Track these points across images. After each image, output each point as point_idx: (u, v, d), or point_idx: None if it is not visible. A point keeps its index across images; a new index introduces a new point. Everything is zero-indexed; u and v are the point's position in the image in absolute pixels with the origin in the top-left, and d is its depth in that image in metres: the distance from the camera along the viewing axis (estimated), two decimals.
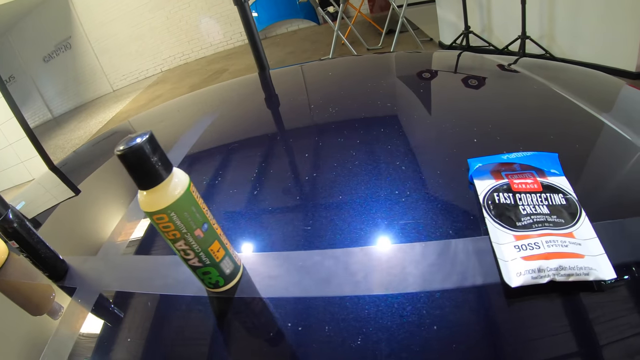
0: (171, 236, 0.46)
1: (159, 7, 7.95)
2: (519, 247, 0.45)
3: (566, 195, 0.53)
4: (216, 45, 8.49)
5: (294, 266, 0.53)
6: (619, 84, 1.00)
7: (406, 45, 5.45)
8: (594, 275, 0.42)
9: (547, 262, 0.43)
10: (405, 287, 0.45)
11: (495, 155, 0.60)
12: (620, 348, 0.38)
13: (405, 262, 0.49)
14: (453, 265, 0.47)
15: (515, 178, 0.56)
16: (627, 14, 3.36)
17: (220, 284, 0.51)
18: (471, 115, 0.83)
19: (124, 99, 7.43)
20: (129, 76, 8.42)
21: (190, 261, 0.48)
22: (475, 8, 4.74)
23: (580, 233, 0.47)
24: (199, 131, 1.02)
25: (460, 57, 1.25)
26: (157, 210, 0.43)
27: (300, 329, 0.45)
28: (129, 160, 0.41)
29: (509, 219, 0.49)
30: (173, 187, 0.44)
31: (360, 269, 0.49)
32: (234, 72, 6.82)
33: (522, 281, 0.42)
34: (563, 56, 4.05)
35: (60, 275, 0.66)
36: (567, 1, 3.81)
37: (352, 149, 0.75)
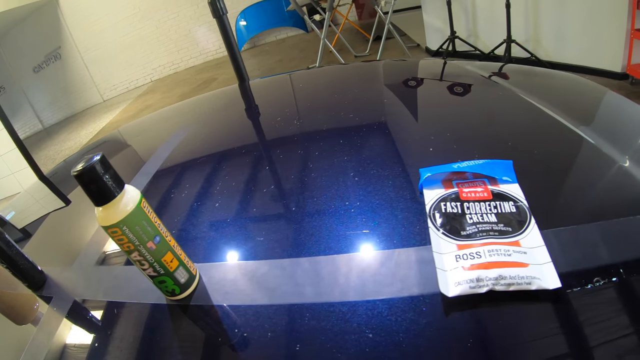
0: (126, 248, 0.49)
1: (148, 16, 7.96)
2: (459, 257, 0.46)
3: (517, 203, 0.53)
4: (205, 55, 8.51)
5: (246, 275, 0.55)
6: (599, 90, 0.99)
7: (393, 52, 5.48)
8: (537, 284, 0.42)
9: (487, 272, 0.43)
10: (346, 296, 0.47)
11: (446, 164, 0.61)
12: None
13: (350, 271, 0.50)
14: (394, 275, 0.48)
15: (465, 187, 0.57)
16: (611, 15, 3.41)
17: (176, 292, 0.53)
18: (431, 124, 0.85)
19: (114, 109, 7.42)
20: (119, 86, 8.41)
21: (146, 271, 0.51)
22: (460, 13, 4.78)
23: (526, 241, 0.47)
24: (171, 146, 1.04)
25: (430, 66, 1.27)
26: (110, 225, 0.46)
27: (246, 335, 0.47)
28: (83, 179, 0.45)
29: (454, 228, 0.50)
30: (124, 203, 0.47)
31: (306, 279, 0.51)
32: (223, 81, 6.85)
33: (459, 291, 0.42)
34: (549, 59, 4.09)
35: (38, 285, 0.67)
36: (552, 4, 3.85)
37: (310, 162, 0.77)
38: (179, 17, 8.04)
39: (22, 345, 0.56)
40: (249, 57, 7.96)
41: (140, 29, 8.03)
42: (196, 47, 8.40)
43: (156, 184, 0.88)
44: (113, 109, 7.46)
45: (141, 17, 7.95)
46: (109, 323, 0.57)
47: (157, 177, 0.89)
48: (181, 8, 7.96)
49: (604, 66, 3.65)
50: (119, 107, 7.35)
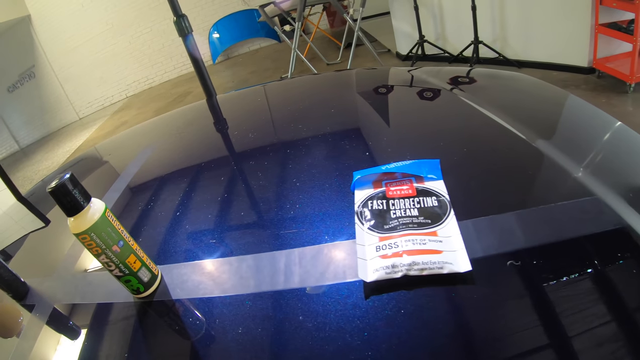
0: (95, 252, 0.57)
1: (121, 32, 7.94)
2: (380, 247, 0.53)
3: (439, 197, 0.61)
4: (180, 68, 8.52)
5: (200, 273, 0.64)
6: (554, 92, 1.06)
7: (364, 58, 5.58)
8: (448, 268, 0.49)
9: (401, 259, 0.50)
10: (285, 285, 0.56)
11: (376, 167, 0.69)
12: (468, 333, 0.47)
13: (288, 265, 0.59)
14: (323, 266, 0.56)
15: (393, 186, 0.65)
16: (575, 12, 3.54)
17: (141, 290, 0.61)
18: (371, 130, 0.95)
19: (90, 126, 7.38)
20: (94, 103, 8.35)
21: (113, 272, 0.59)
22: (428, 17, 4.90)
23: (443, 231, 0.55)
24: (139, 162, 1.12)
25: (380, 75, 1.35)
26: (80, 232, 0.55)
27: (203, 322, 0.56)
28: (56, 195, 0.54)
29: (378, 223, 0.58)
30: (91, 214, 0.56)
31: (250, 273, 0.60)
32: (198, 94, 6.84)
33: (376, 277, 0.50)
34: (517, 57, 4.22)
35: (22, 295, 0.72)
36: (517, 5, 3.99)
37: (260, 171, 0.86)
38: (152, 31, 8.04)
39: (7, 353, 0.62)
40: (223, 69, 8.00)
41: (114, 45, 8.00)
42: (170, 61, 8.40)
43: (125, 197, 0.95)
44: (89, 126, 7.41)
45: (114, 33, 7.92)
46: (85, 324, 0.64)
47: (127, 191, 0.96)
48: (154, 23, 7.96)
49: (570, 62, 3.80)
50: (95, 125, 7.31)
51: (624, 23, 3.30)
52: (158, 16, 7.90)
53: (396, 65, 5.37)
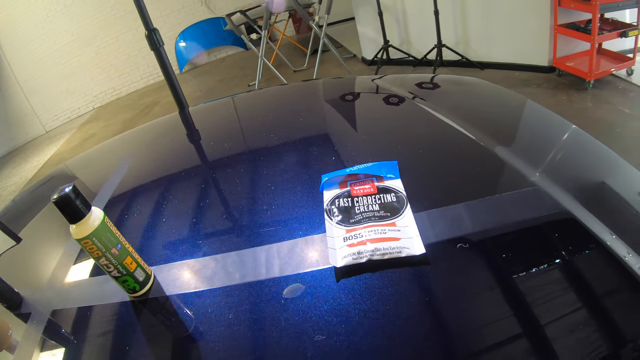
0: (95, 255, 0.63)
1: (87, 43, 7.80)
2: (346, 238, 0.62)
3: (397, 194, 0.71)
4: (147, 78, 8.42)
5: (190, 270, 0.71)
6: (507, 96, 1.19)
7: (330, 64, 5.68)
8: (406, 252, 0.59)
9: (365, 247, 0.60)
10: (267, 275, 0.64)
11: (342, 169, 0.78)
12: (424, 305, 0.56)
13: (268, 258, 0.67)
14: (300, 257, 0.65)
15: (356, 185, 0.74)
16: (535, 13, 3.71)
17: (137, 289, 0.68)
18: (336, 136, 1.04)
19: (57, 140, 7.23)
20: (61, 116, 8.16)
21: (112, 273, 0.65)
22: (393, 23, 5.03)
23: (401, 222, 0.64)
24: (119, 175, 1.16)
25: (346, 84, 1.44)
26: (83, 237, 0.62)
27: (195, 314, 0.63)
28: (60, 204, 0.60)
29: (345, 218, 0.67)
30: (92, 220, 0.63)
31: (235, 267, 0.68)
32: (166, 104, 6.82)
33: (345, 262, 0.59)
34: (479, 59, 4.38)
35: (16, 305, 0.76)
36: (478, 8, 4.15)
37: (237, 177, 0.94)
38: (118, 42, 7.93)
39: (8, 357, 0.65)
40: (190, 79, 7.96)
41: (80, 56, 7.84)
42: (137, 71, 8.30)
43: (111, 207, 1.00)
44: (56, 140, 7.26)
45: (80, 44, 7.76)
46: (85, 325, 0.69)
47: (112, 202, 1.01)
48: (119, 33, 7.85)
49: (531, 62, 3.98)
50: (63, 138, 7.17)
51: (582, 23, 3.49)
52: (124, 26, 7.80)
53: (362, 69, 5.50)
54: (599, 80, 3.57)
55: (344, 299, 0.57)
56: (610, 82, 3.66)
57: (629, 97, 3.42)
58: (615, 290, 0.55)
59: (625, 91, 3.51)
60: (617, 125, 3.03)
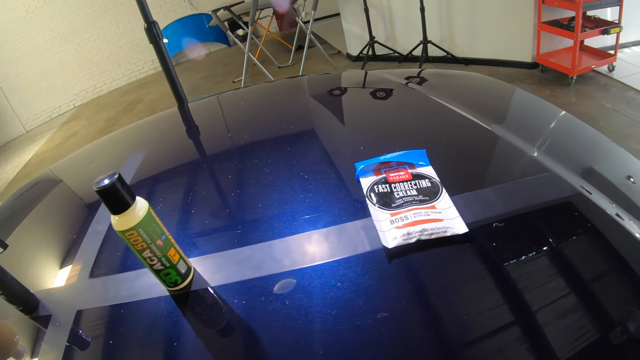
0: (140, 247, 0.60)
1: (67, 40, 7.62)
2: (393, 221, 0.64)
3: (431, 179, 0.73)
4: (128, 76, 8.28)
5: (231, 260, 0.69)
6: (505, 88, 1.25)
7: (316, 60, 5.68)
8: (450, 231, 0.61)
9: (413, 228, 0.62)
10: (316, 261, 0.64)
11: (375, 157, 0.80)
12: (469, 278, 0.58)
13: (315, 244, 0.67)
14: (348, 241, 0.65)
15: (391, 172, 0.76)
16: (520, 12, 3.79)
17: (178, 282, 0.65)
18: (360, 127, 1.05)
19: (38, 139, 7.07)
20: (41, 115, 7.95)
21: (155, 266, 0.63)
22: (378, 19, 5.06)
23: (440, 205, 0.67)
24: (134, 167, 1.12)
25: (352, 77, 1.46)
26: (128, 228, 0.58)
27: (244, 303, 0.61)
28: (105, 194, 0.57)
29: (386, 203, 0.69)
30: (138, 211, 0.59)
31: (281, 254, 0.67)
32: (150, 101, 6.75)
33: (396, 243, 0.61)
34: (464, 55, 4.45)
35: (33, 308, 0.71)
36: (463, 5, 4.21)
37: (266, 167, 0.93)
38: (99, 38, 7.77)
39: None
40: None
41: (60, 53, 7.65)
42: (119, 68, 8.16)
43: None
44: (37, 139, 7.10)
45: (60, 41, 7.58)
46: (120, 321, 0.66)
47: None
48: (101, 29, 7.69)
49: (515, 58, 4.06)
50: (44, 137, 7.02)
51: (565, 20, 3.57)
52: (105, 22, 7.65)
53: (347, 65, 5.53)
54: (581, 76, 3.67)
55: (398, 278, 0.59)
56: (592, 77, 3.76)
57: (610, 92, 3.51)
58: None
59: (607, 86, 3.60)
60: (600, 119, 3.12)
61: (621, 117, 3.12)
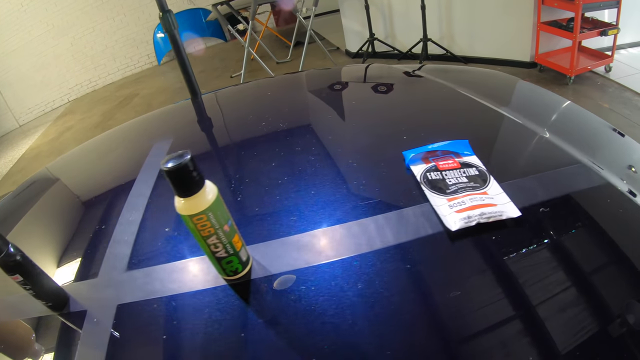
0: (206, 233, 0.57)
1: (63, 33, 7.55)
2: (451, 206, 0.67)
3: (478, 168, 0.75)
4: (124, 70, 8.24)
5: (292, 247, 0.68)
6: (511, 79, 1.29)
7: (314, 56, 5.69)
8: (505, 215, 0.64)
9: (473, 212, 0.64)
10: (378, 246, 0.65)
11: (422, 147, 0.82)
12: (529, 258, 0.61)
13: (375, 229, 0.68)
14: (409, 225, 0.67)
15: (440, 161, 0.78)
16: (519, 11, 3.85)
17: (239, 270, 0.63)
18: (400, 118, 1.06)
19: (32, 134, 6.98)
20: (35, 109, 7.85)
21: (218, 253, 0.59)
22: (378, 16, 5.10)
23: (491, 191, 0.70)
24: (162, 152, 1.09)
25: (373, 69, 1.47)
26: (197, 213, 0.55)
27: (310, 289, 0.60)
28: (175, 175, 0.52)
29: (441, 189, 0.71)
30: (207, 194, 0.56)
31: (344, 240, 0.67)
32: (146, 96, 6.74)
33: (458, 226, 0.63)
34: (463, 54, 4.50)
35: (62, 304, 0.67)
36: (463, 3, 4.26)
37: (312, 156, 0.94)
38: (94, 32, 7.71)
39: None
40: (170, 70, 7.87)
41: (55, 47, 7.58)
42: (114, 62, 8.11)
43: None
44: (31, 134, 7.01)
45: (55, 34, 7.51)
46: (172, 316, 0.62)
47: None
48: (96, 23, 7.64)
49: (514, 57, 4.12)
50: (38, 132, 6.93)
51: (564, 21, 3.62)
52: (101, 16, 7.61)
53: (346, 62, 5.56)
54: (579, 76, 3.73)
55: (465, 258, 0.62)
56: (590, 78, 3.82)
57: (607, 92, 3.58)
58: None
59: (604, 87, 3.67)
60: None
61: (618, 118, 3.18)
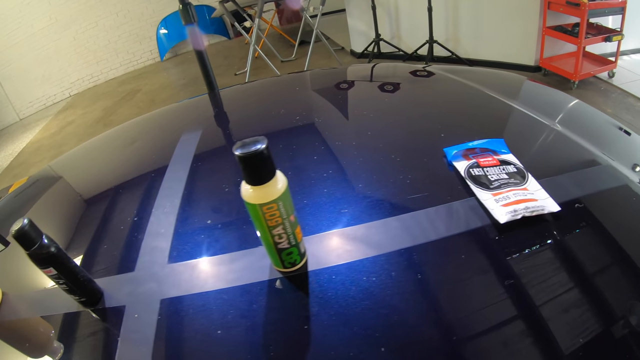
0: (273, 223, 0.56)
1: (65, 27, 7.52)
2: (497, 200, 0.71)
3: (516, 165, 0.80)
4: (126, 65, 8.23)
5: (346, 239, 0.70)
6: (520, 79, 1.36)
7: (319, 55, 5.71)
8: (547, 209, 0.68)
9: (518, 206, 0.69)
10: (431, 237, 0.68)
11: (462, 144, 0.86)
12: (572, 247, 0.66)
13: (427, 221, 0.72)
14: (460, 217, 0.71)
15: (480, 158, 0.82)
16: (525, 16, 3.89)
17: (297, 262, 0.63)
18: (434, 116, 1.11)
19: (32, 127, 6.94)
20: (35, 103, 7.79)
21: (281, 244, 0.59)
22: (384, 17, 5.14)
23: (530, 187, 0.74)
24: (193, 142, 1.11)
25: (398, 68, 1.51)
26: (268, 202, 0.54)
27: (374, 279, 0.62)
28: (250, 161, 0.52)
29: (484, 184, 0.75)
30: (278, 182, 0.55)
31: (394, 233, 0.70)
32: (148, 92, 6.74)
33: (506, 219, 0.67)
34: (468, 56, 4.54)
35: (97, 299, 0.66)
36: (470, 6, 4.29)
37: (355, 151, 0.97)
38: (97, 27, 7.69)
39: None
40: (172, 66, 7.89)
41: (57, 41, 7.53)
42: (116, 58, 8.08)
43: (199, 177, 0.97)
44: (32, 127, 6.96)
45: (58, 28, 7.46)
46: (224, 310, 0.61)
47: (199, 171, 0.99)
48: (99, 17, 7.61)
49: (518, 61, 4.16)
50: (39, 126, 6.88)
51: (569, 26, 3.67)
52: (104, 11, 7.60)
53: (351, 62, 5.57)
54: (582, 81, 3.78)
55: (514, 249, 0.65)
56: (593, 83, 3.88)
57: (610, 97, 3.63)
58: None
59: (607, 92, 3.72)
60: None
61: (622, 123, 3.22)
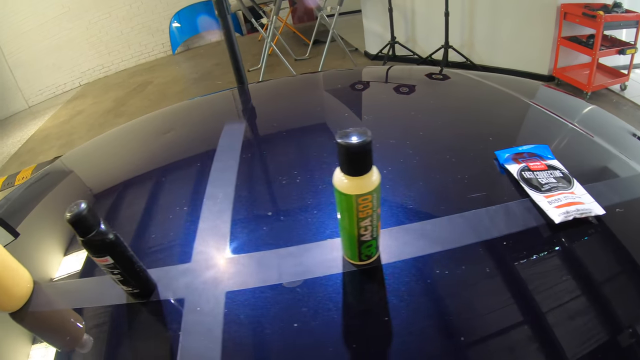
0: (365, 214, 0.57)
1: (78, 16, 7.51)
2: (550, 202, 0.76)
3: (562, 170, 0.84)
4: (138, 57, 8.25)
5: (413, 234, 0.72)
6: (536, 85, 1.44)
7: (333, 55, 5.75)
8: (594, 212, 0.74)
9: (570, 208, 0.74)
10: (494, 234, 0.73)
11: (512, 148, 0.91)
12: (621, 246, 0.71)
13: (488, 219, 0.76)
14: (517, 217, 0.76)
15: (529, 162, 0.87)
16: (541, 25, 3.93)
17: (373, 255, 0.65)
18: (481, 121, 1.15)
19: (41, 115, 6.95)
20: (45, 91, 7.80)
21: (364, 236, 0.60)
22: (400, 20, 5.18)
23: (577, 191, 0.79)
24: (236, 136, 1.12)
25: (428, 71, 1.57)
26: (366, 192, 0.55)
27: (438, 273, 0.65)
28: (355, 152, 0.52)
29: (536, 187, 0.80)
30: (374, 175, 0.56)
31: (464, 227, 0.74)
32: (160, 84, 6.79)
33: (560, 219, 0.72)
34: (482, 63, 4.57)
35: (150, 291, 0.64)
36: (486, 13, 4.33)
37: (410, 149, 1.00)
38: (110, 17, 7.70)
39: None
40: (184, 60, 7.92)
41: (69, 30, 7.53)
42: (128, 49, 8.09)
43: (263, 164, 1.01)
44: (40, 115, 6.96)
45: (70, 17, 7.46)
46: (301, 303, 0.61)
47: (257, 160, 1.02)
48: (113, 8, 7.62)
49: (532, 70, 4.20)
50: (47, 114, 6.90)
51: (584, 37, 3.71)
52: (118, 1, 7.61)
53: (365, 63, 5.61)
54: (594, 93, 3.83)
55: (567, 244, 0.71)
56: (605, 95, 3.92)
57: (622, 110, 3.67)
58: None
59: (619, 105, 3.76)
60: None
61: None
